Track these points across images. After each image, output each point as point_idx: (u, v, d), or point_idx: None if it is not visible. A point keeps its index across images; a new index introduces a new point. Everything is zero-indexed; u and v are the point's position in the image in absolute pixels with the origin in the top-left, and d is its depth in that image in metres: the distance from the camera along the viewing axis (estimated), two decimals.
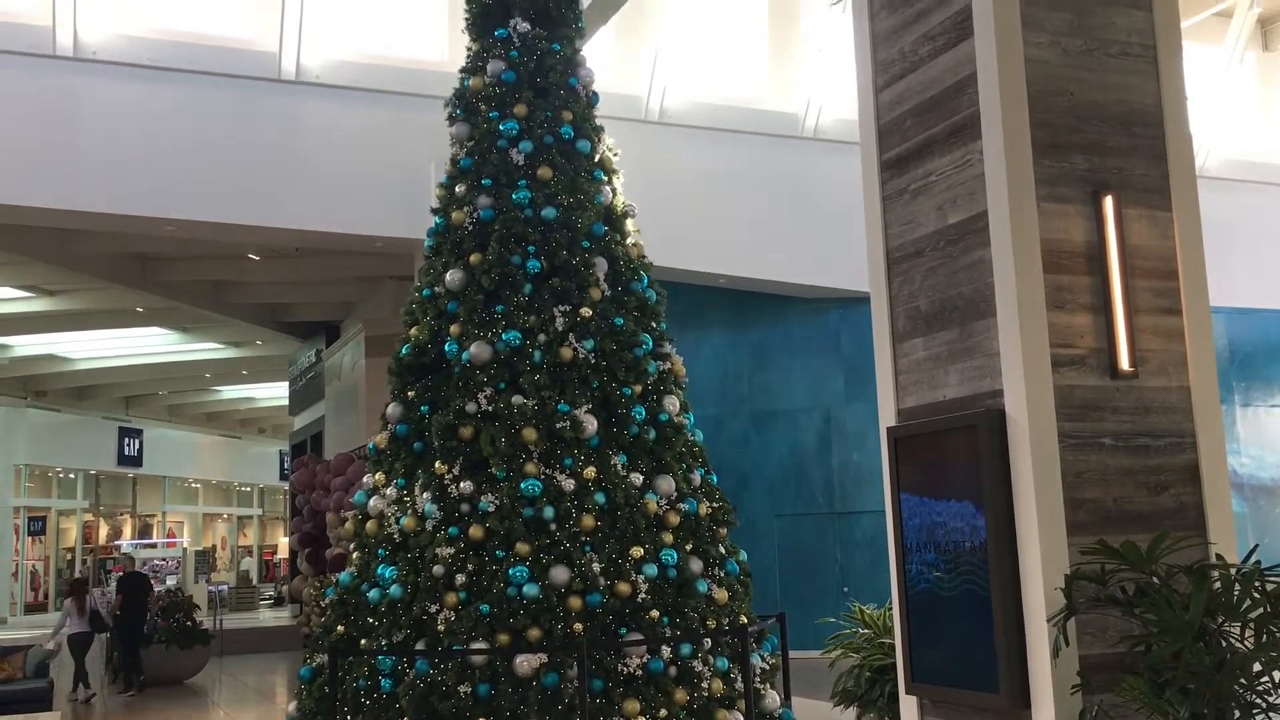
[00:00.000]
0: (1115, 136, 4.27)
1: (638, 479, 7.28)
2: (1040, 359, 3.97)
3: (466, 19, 8.40)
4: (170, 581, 23.87)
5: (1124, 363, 4.08)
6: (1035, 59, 4.19)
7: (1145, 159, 4.31)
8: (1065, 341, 4.04)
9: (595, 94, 8.39)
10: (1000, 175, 4.08)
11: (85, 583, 16.52)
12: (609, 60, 13.98)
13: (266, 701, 13.17)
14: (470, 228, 7.73)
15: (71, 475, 31.52)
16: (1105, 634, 3.83)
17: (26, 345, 24.57)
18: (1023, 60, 4.16)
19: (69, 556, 31.22)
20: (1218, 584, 3.57)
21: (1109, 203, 4.16)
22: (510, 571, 6.73)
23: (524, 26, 8.11)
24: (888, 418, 4.65)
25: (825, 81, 14.57)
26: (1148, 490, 4.05)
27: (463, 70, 8.32)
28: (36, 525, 30.35)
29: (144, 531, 34.67)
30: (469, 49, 8.37)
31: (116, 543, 32.53)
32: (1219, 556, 3.89)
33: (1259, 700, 3.42)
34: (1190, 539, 4.00)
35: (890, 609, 4.88)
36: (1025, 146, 4.10)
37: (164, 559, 27.02)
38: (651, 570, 6.97)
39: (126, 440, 32.20)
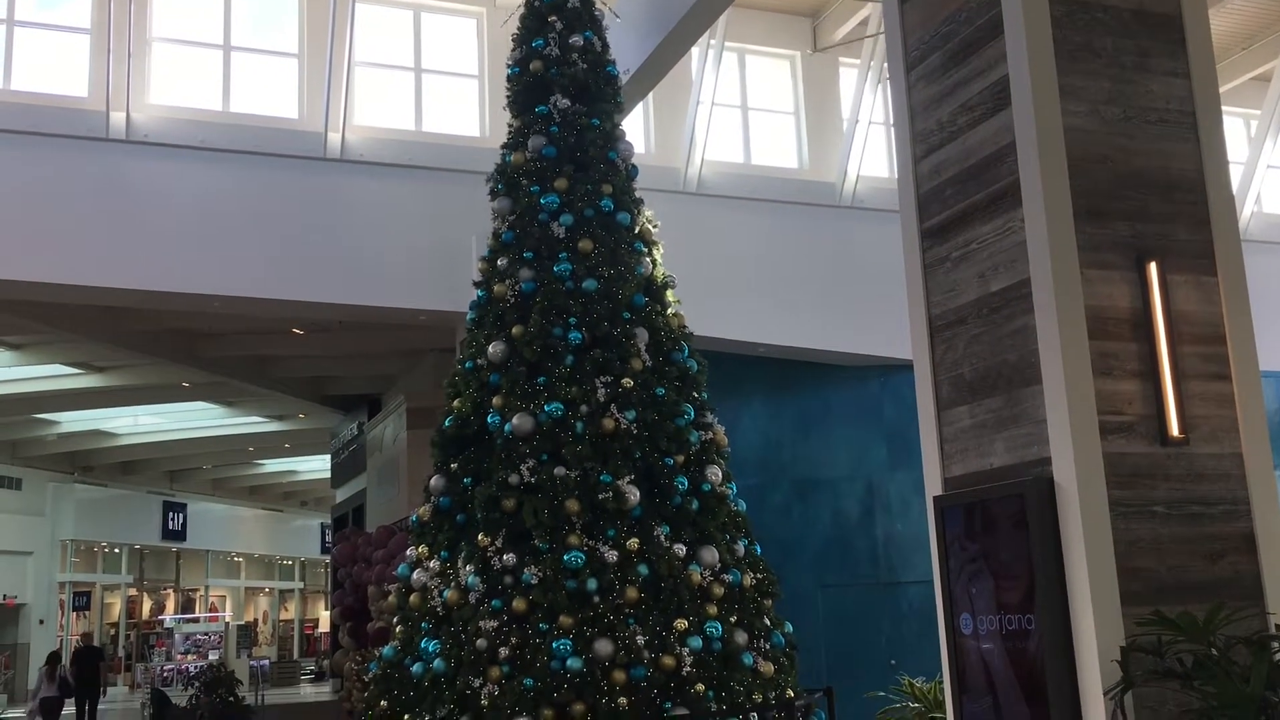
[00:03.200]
0: (1157, 203, 4.27)
1: (681, 550, 7.24)
2: (1088, 426, 3.93)
3: (508, 96, 8.56)
4: (213, 656, 23.85)
5: (1174, 429, 4.04)
6: (1074, 127, 4.21)
7: (1188, 224, 4.30)
8: (1113, 408, 4.00)
9: (634, 167, 8.49)
10: (1042, 242, 4.08)
11: (58, 655, 18.96)
12: (647, 133, 14.16)
13: None
14: (512, 300, 7.81)
15: (116, 550, 31.74)
16: (1164, 708, 3.74)
17: (74, 421, 24.93)
18: (1061, 129, 4.18)
19: (113, 631, 31.31)
20: (1279, 655, 3.49)
21: (1153, 269, 4.14)
22: (554, 645, 6.68)
23: (564, 103, 8.25)
24: (934, 487, 4.61)
25: (862, 150, 14.66)
26: (1203, 559, 3.98)
27: (504, 146, 8.46)
28: (81, 600, 30.51)
29: (187, 606, 34.75)
30: (510, 125, 8.53)
31: (160, 617, 32.62)
32: (1279, 627, 3.81)
33: None
34: (1248, 609, 3.92)
35: (940, 682, 4.79)
36: (1067, 213, 4.10)
37: (206, 633, 27.03)
38: (696, 643, 6.89)
39: (171, 514, 32.43)
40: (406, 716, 6.92)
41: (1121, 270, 4.14)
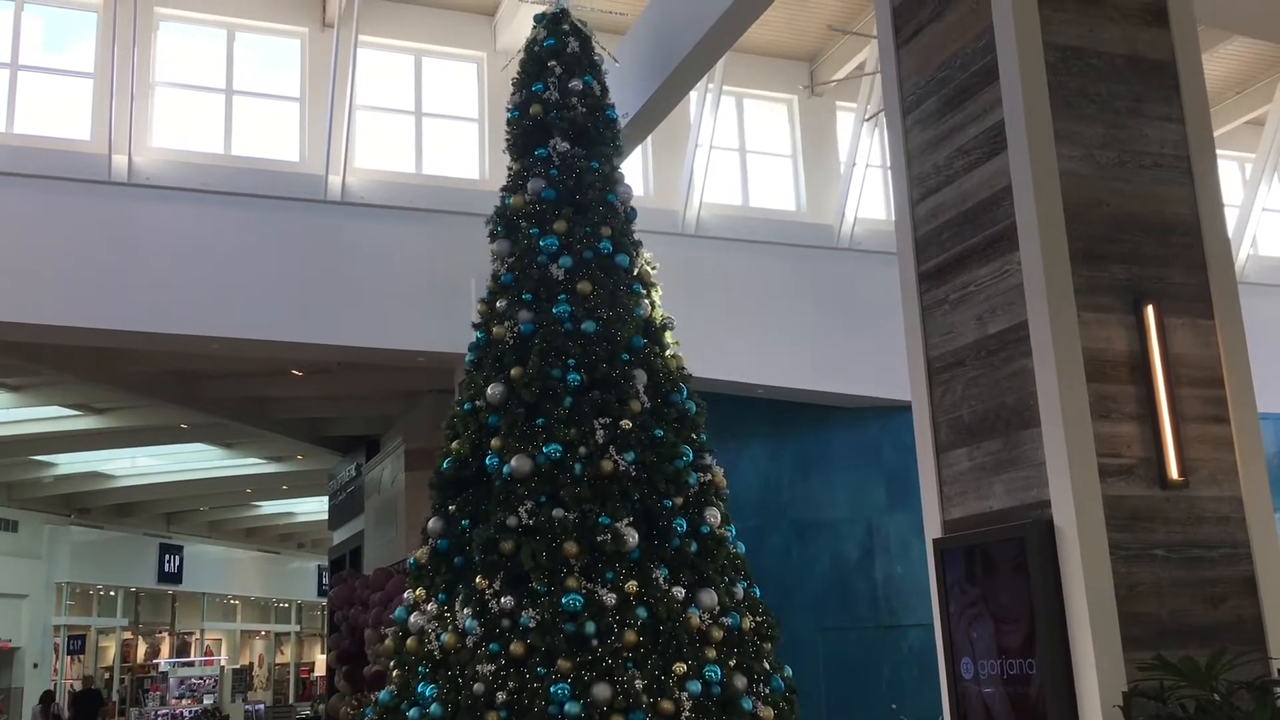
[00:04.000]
0: (1153, 246, 4.29)
1: (680, 593, 7.20)
2: (1087, 469, 3.93)
3: (508, 139, 8.62)
4: (208, 701, 23.65)
5: (1173, 472, 4.03)
6: (1070, 171, 4.24)
7: (1184, 268, 4.32)
8: (1112, 451, 4.00)
9: (633, 209, 8.54)
10: (1039, 285, 4.10)
11: (52, 694, 21.25)
12: (646, 176, 14.25)
13: None
14: (511, 342, 7.82)
15: (112, 593, 31.53)
16: None
17: (71, 463, 24.86)
18: (1057, 173, 4.21)
19: (107, 675, 31.02)
20: None
21: (1150, 311, 4.16)
22: (552, 689, 6.63)
23: (563, 146, 8.31)
24: (933, 529, 4.60)
25: (860, 193, 14.75)
26: (1204, 603, 3.97)
27: (504, 189, 8.52)
28: (76, 644, 30.26)
29: (182, 649, 34.46)
30: (510, 168, 8.58)
31: (155, 661, 32.34)
32: None
33: None
34: (1250, 653, 3.90)
35: None
36: (1063, 257, 4.12)
37: (202, 677, 26.80)
38: (695, 688, 6.84)
39: (167, 557, 32.25)
40: None
41: (1118, 313, 4.15)
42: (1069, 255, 4.13)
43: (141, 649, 33.62)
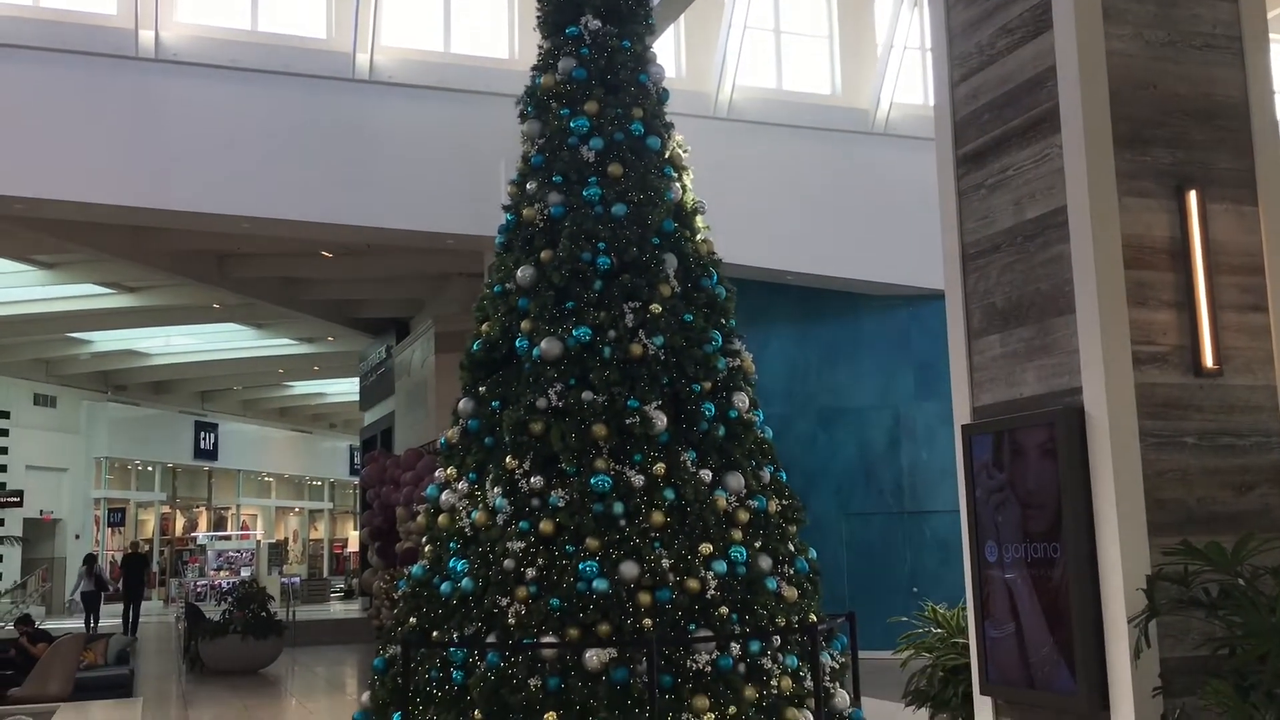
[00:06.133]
0: (1199, 130, 4.18)
1: (707, 475, 7.28)
2: (1121, 356, 3.90)
3: (538, 17, 8.45)
4: (245, 573, 24.36)
5: (1208, 360, 4.00)
6: (1117, 51, 4.12)
7: (1230, 153, 4.22)
8: (1147, 338, 3.96)
9: (665, 91, 8.39)
10: (1080, 169, 4.02)
11: (95, 556, 23.00)
12: (679, 57, 13.98)
13: (337, 692, 13.37)
14: (541, 224, 7.78)
15: (150, 468, 32.27)
16: (1187, 637, 3.76)
17: (107, 341, 25.21)
18: (1104, 53, 4.09)
19: (146, 547, 31.98)
20: None
21: (1193, 197, 4.07)
22: (580, 566, 6.76)
23: (595, 24, 8.14)
24: (962, 415, 4.60)
25: (897, 76, 14.44)
26: (1232, 490, 3.97)
27: (534, 68, 8.37)
28: (116, 517, 31.13)
29: (219, 524, 35.39)
30: (540, 47, 8.43)
31: (193, 534, 33.25)
32: None
33: None
34: (1276, 540, 3.91)
35: (964, 608, 4.83)
36: (1106, 140, 4.03)
37: (238, 551, 27.55)
38: (721, 567, 6.96)
39: (202, 434, 32.90)
40: (435, 634, 7.04)
41: (1160, 198, 4.07)
42: (1112, 138, 4.03)
43: (180, 523, 34.56)
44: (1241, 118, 4.26)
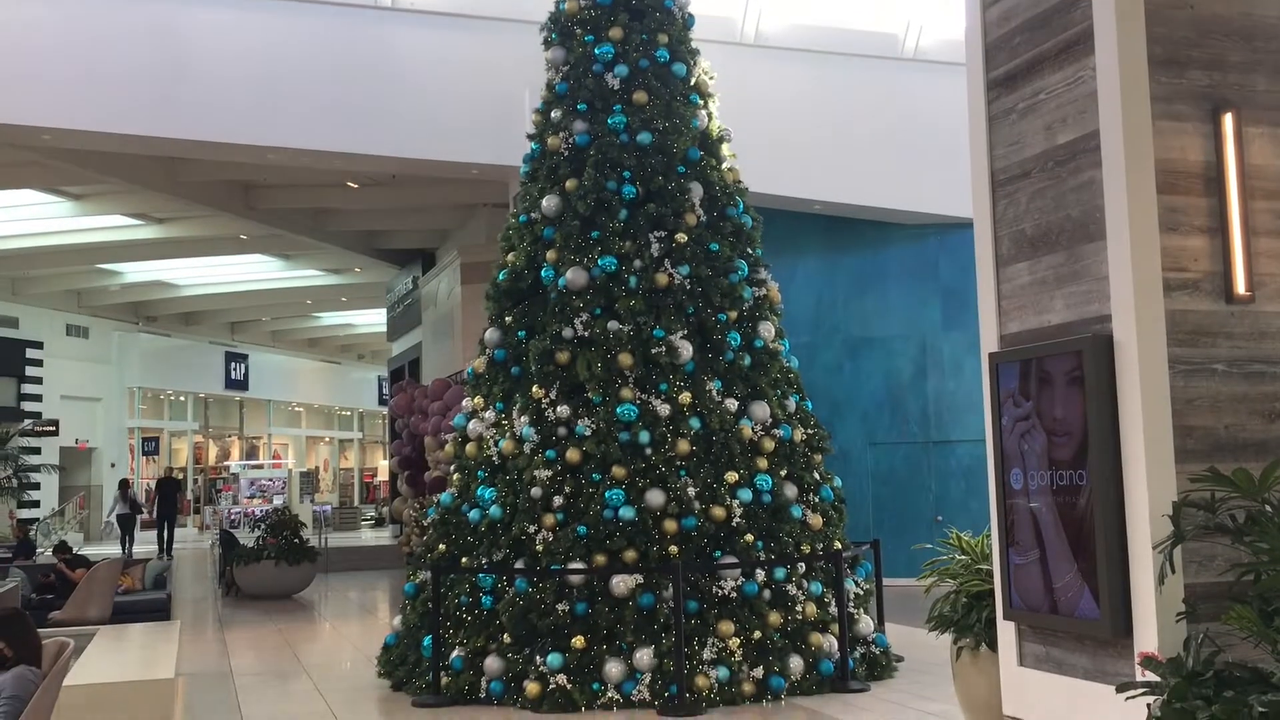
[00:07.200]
0: (1237, 51, 4.09)
1: (733, 405, 7.31)
2: (1151, 283, 3.86)
3: None
4: (277, 501, 24.71)
5: (1240, 287, 3.95)
6: None
7: (1268, 74, 4.12)
8: (1178, 265, 3.92)
9: (691, 16, 8.28)
10: (1114, 92, 3.94)
11: (128, 481, 23.82)
12: None
13: (369, 616, 13.62)
14: (566, 153, 7.74)
15: (182, 398, 32.64)
16: (1213, 563, 3.77)
17: (137, 272, 25.37)
18: None
19: (181, 475, 32.46)
20: None
21: (1228, 120, 4.00)
22: (606, 494, 6.83)
23: None
24: (989, 343, 4.57)
25: (926, 0, 14.14)
26: (1261, 418, 3.95)
27: None
28: (150, 445, 31.57)
29: (250, 453, 35.84)
30: None
31: (225, 463, 33.70)
32: None
33: None
34: None
35: (988, 535, 4.85)
36: (1141, 62, 3.95)
37: (270, 479, 27.93)
38: (746, 495, 7.02)
39: (233, 365, 33.19)
40: (465, 560, 7.15)
41: (1195, 121, 4.00)
42: (1147, 60, 3.95)
43: (213, 452, 35.01)
44: None
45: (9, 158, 14.74)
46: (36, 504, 24.57)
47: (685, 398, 7.14)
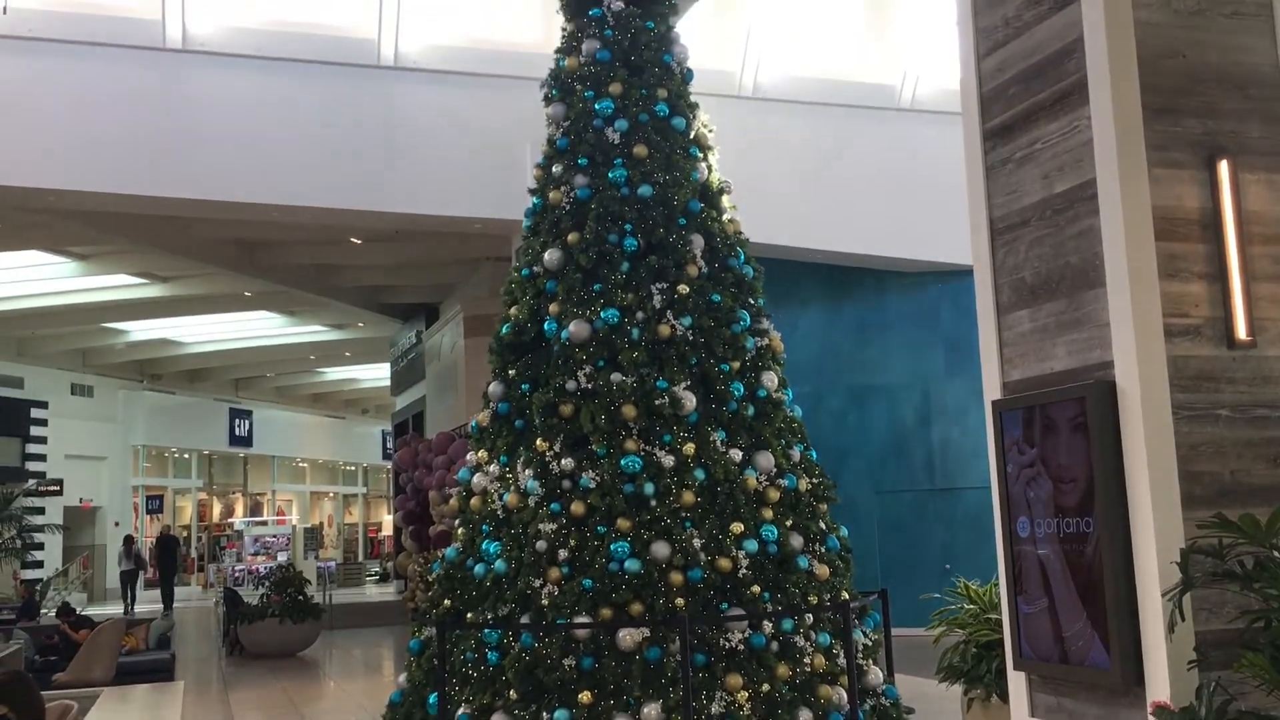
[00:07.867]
0: (1230, 99, 4.13)
1: (737, 455, 7.29)
2: (1152, 329, 3.87)
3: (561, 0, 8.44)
4: (281, 558, 24.61)
5: (1241, 332, 3.96)
6: (1145, 21, 4.07)
7: (1262, 121, 4.16)
8: (1179, 311, 3.93)
9: (689, 70, 8.37)
10: (1109, 141, 3.98)
11: (133, 538, 25.07)
12: (702, 36, 13.93)
13: (374, 674, 13.52)
14: (567, 207, 7.79)
15: (186, 455, 32.62)
16: (1222, 610, 3.74)
17: (141, 330, 25.48)
18: (1132, 22, 4.04)
19: (185, 533, 32.35)
20: None
21: (1224, 167, 4.03)
22: (612, 547, 6.80)
23: (618, 5, 8.12)
24: (992, 391, 4.58)
25: (922, 51, 14.31)
26: (1266, 463, 3.94)
27: (558, 51, 8.37)
28: (154, 503, 31.51)
29: (255, 509, 35.75)
30: (564, 29, 8.42)
31: (229, 520, 33.61)
32: None
33: None
34: None
35: (996, 585, 4.82)
36: (1135, 111, 3.99)
37: (274, 536, 27.84)
38: (752, 546, 6.98)
39: (237, 421, 33.21)
40: (470, 615, 7.10)
41: (1191, 169, 4.03)
42: (1141, 109, 3.99)
43: (216, 509, 34.94)
44: (1272, 85, 4.20)
45: (16, 220, 14.88)
46: (40, 564, 24.48)
47: (689, 449, 7.13)
